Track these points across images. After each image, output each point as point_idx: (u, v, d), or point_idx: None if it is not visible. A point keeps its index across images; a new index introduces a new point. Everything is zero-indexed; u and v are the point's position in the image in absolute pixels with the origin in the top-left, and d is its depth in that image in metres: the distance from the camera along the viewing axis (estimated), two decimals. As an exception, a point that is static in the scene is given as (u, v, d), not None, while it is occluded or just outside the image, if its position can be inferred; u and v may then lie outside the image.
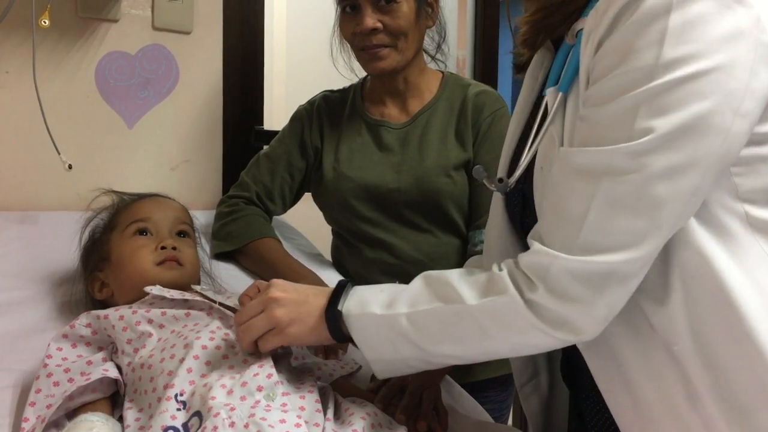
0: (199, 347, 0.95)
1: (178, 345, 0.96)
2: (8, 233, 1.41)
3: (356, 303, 0.89)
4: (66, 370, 0.98)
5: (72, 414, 0.94)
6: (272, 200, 1.54)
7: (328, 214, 1.55)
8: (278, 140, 1.57)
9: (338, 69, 1.53)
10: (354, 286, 0.93)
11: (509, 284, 0.80)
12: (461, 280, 0.85)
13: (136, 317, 1.03)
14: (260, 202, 1.53)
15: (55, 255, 1.31)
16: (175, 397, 0.88)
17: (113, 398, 0.99)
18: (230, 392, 0.87)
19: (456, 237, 1.46)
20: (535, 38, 0.92)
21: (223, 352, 0.95)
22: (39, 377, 0.98)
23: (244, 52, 1.82)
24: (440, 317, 0.84)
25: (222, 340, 0.97)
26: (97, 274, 1.19)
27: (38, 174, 1.56)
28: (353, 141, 1.50)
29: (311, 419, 0.88)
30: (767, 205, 0.79)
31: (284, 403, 0.87)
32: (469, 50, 2.53)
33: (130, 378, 0.97)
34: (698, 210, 0.77)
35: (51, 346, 1.02)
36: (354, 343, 0.90)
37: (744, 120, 0.73)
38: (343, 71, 1.54)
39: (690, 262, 0.78)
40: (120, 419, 0.95)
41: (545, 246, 0.79)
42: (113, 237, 1.19)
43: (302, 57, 2.53)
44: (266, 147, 1.61)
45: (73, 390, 0.93)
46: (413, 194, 1.43)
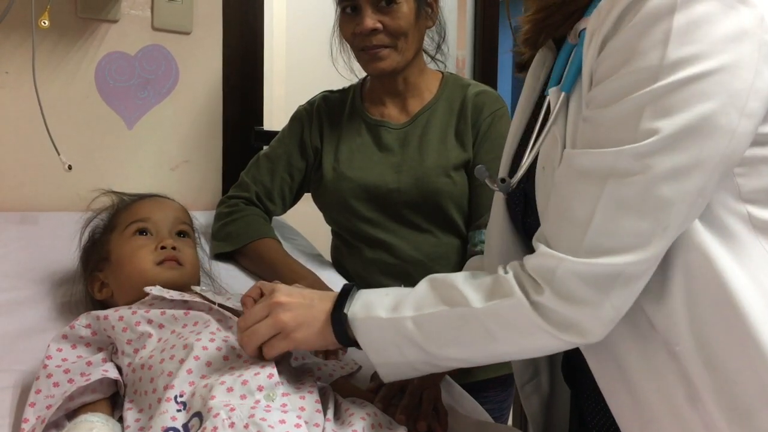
0: (200, 348, 0.95)
1: (178, 346, 0.96)
2: (8, 234, 1.41)
3: (361, 306, 0.89)
4: (66, 371, 0.98)
5: (72, 414, 0.94)
6: (272, 200, 1.54)
7: (328, 215, 1.55)
8: (278, 140, 1.57)
9: (338, 69, 1.53)
10: (359, 290, 0.92)
11: (515, 287, 0.80)
12: (467, 283, 0.84)
13: (136, 317, 1.03)
14: (260, 203, 1.53)
15: (55, 255, 1.31)
16: (175, 399, 0.88)
17: (113, 399, 0.99)
18: (230, 389, 0.87)
19: (456, 237, 1.46)
20: (537, 37, 0.92)
21: (224, 354, 0.95)
22: (39, 378, 0.97)
23: (244, 53, 1.81)
24: (446, 320, 0.84)
25: (222, 341, 0.97)
26: (97, 275, 1.19)
27: (38, 174, 1.56)
28: (353, 141, 1.50)
29: (311, 419, 0.88)
30: None
31: (284, 404, 0.87)
32: (469, 50, 2.53)
33: (130, 379, 0.97)
34: (701, 211, 0.77)
35: (51, 347, 1.02)
36: (359, 347, 0.90)
37: (749, 120, 0.73)
38: (343, 71, 1.54)
39: (692, 263, 0.77)
40: (120, 420, 0.95)
41: (551, 248, 0.78)
42: (113, 237, 1.19)
43: (302, 57, 2.53)
44: (266, 147, 1.61)
45: (73, 391, 0.93)
46: (413, 194, 1.43)
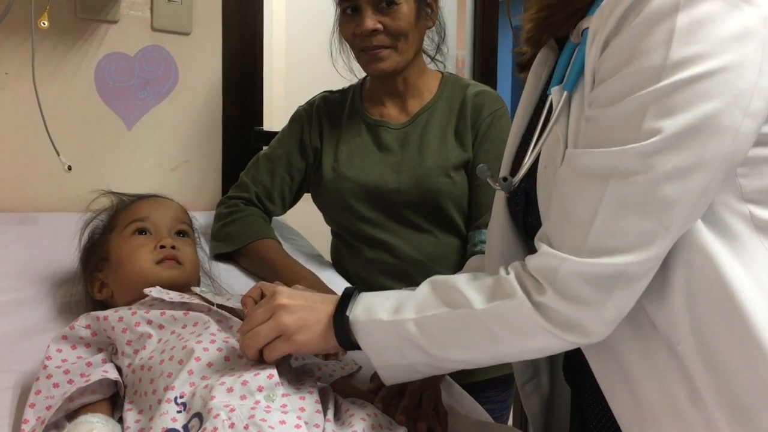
0: (201, 350, 0.95)
1: (178, 347, 0.96)
2: (8, 234, 1.41)
3: (363, 309, 0.89)
4: (65, 372, 0.98)
5: (72, 415, 0.94)
6: (272, 201, 1.54)
7: (328, 215, 1.55)
8: (277, 141, 1.57)
9: (338, 70, 1.53)
10: (361, 293, 0.92)
11: (517, 287, 0.80)
12: (468, 285, 0.84)
13: (136, 318, 1.03)
14: (260, 203, 1.53)
15: (55, 256, 1.31)
16: (175, 400, 0.88)
17: (113, 399, 0.99)
18: (230, 390, 0.86)
19: (455, 237, 1.46)
20: (540, 36, 0.92)
21: (225, 355, 0.95)
22: (38, 378, 0.97)
23: (244, 53, 1.81)
24: (448, 322, 0.84)
25: (223, 343, 0.97)
26: (97, 275, 1.19)
27: (38, 175, 1.56)
28: (353, 141, 1.50)
29: (311, 420, 0.88)
30: None
31: (284, 404, 0.87)
32: (468, 50, 2.53)
33: (130, 379, 0.97)
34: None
35: (50, 348, 1.02)
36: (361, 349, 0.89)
37: (753, 120, 0.73)
38: (343, 72, 1.54)
39: (693, 262, 0.77)
40: (120, 420, 0.95)
41: (553, 248, 0.78)
42: (112, 237, 1.19)
43: (302, 57, 2.53)
44: (266, 148, 1.61)
45: (73, 391, 0.93)
46: (413, 194, 1.43)
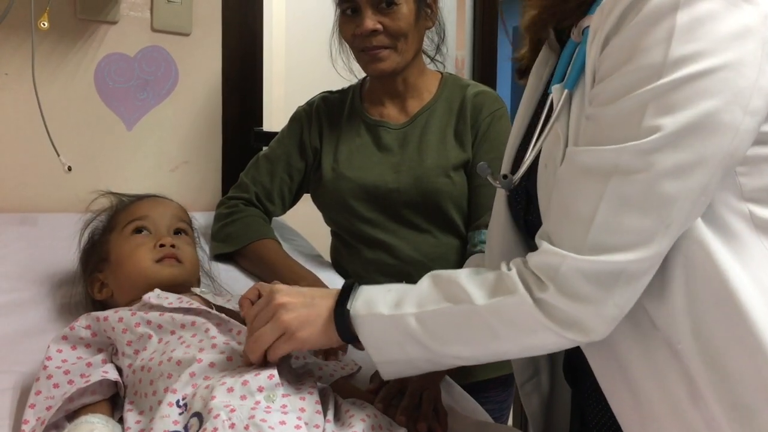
0: (200, 351, 0.95)
1: (179, 349, 0.96)
2: (8, 235, 1.41)
3: (363, 303, 0.88)
4: (65, 372, 0.98)
5: (72, 416, 0.94)
6: (271, 201, 1.54)
7: (327, 215, 1.55)
8: (277, 141, 1.57)
9: (337, 70, 1.53)
10: (361, 286, 0.92)
11: (518, 283, 0.80)
12: (470, 280, 0.84)
13: (135, 319, 1.03)
14: (259, 204, 1.53)
15: (55, 257, 1.31)
16: (177, 403, 0.88)
17: (113, 400, 0.99)
18: (230, 390, 0.86)
19: (455, 237, 1.46)
20: (543, 23, 0.90)
21: (227, 356, 0.95)
22: (39, 379, 0.97)
23: (243, 54, 1.81)
24: (449, 318, 0.83)
25: (224, 344, 0.97)
26: (97, 275, 1.19)
27: (37, 175, 1.56)
28: (352, 141, 1.50)
29: (311, 421, 0.88)
30: None
31: (284, 405, 0.87)
32: (468, 51, 2.53)
33: (131, 380, 0.97)
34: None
35: (50, 348, 1.02)
36: (362, 344, 0.89)
37: (752, 118, 0.73)
38: (343, 72, 1.54)
39: (693, 261, 0.77)
40: (120, 421, 0.95)
41: (554, 246, 0.78)
42: (112, 237, 1.19)
43: (301, 58, 2.53)
44: (265, 148, 1.61)
45: (73, 392, 0.93)
46: (412, 194, 1.43)
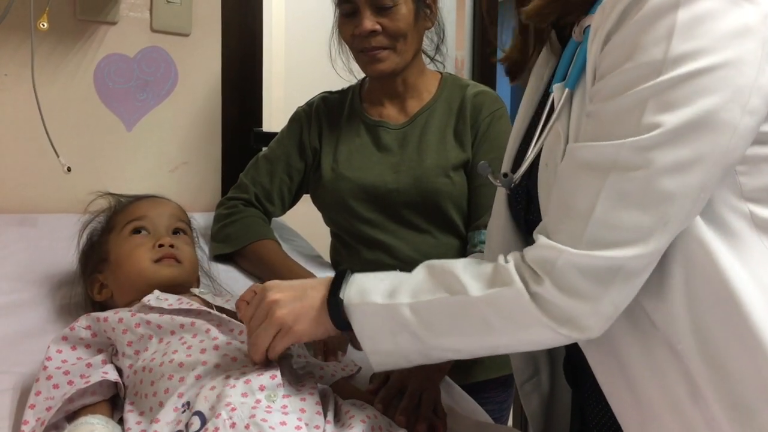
0: (202, 353, 0.95)
1: (180, 350, 0.96)
2: (7, 236, 1.41)
3: (357, 292, 0.88)
4: (65, 373, 0.98)
5: (72, 416, 0.94)
6: (271, 202, 1.54)
7: (327, 215, 1.55)
8: (277, 142, 1.57)
9: (337, 70, 1.53)
10: (354, 274, 0.91)
11: (515, 276, 0.79)
12: (466, 271, 0.83)
13: (135, 319, 1.03)
14: (259, 204, 1.53)
15: (54, 257, 1.31)
16: (183, 407, 0.88)
17: (113, 400, 0.99)
18: (233, 386, 0.87)
19: (455, 237, 1.46)
20: (547, 13, 0.88)
21: (231, 356, 0.95)
22: (38, 380, 0.97)
23: (243, 54, 1.81)
24: (444, 308, 0.83)
25: (226, 344, 0.97)
26: (97, 276, 1.19)
27: (37, 176, 1.55)
28: (352, 142, 1.50)
29: (311, 421, 0.88)
30: None
31: (285, 405, 0.87)
32: (468, 51, 2.53)
33: (132, 381, 0.97)
34: (702, 208, 0.77)
35: (50, 349, 1.02)
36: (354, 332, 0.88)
37: (751, 117, 0.73)
38: (342, 73, 1.54)
39: (693, 261, 0.77)
40: (120, 421, 0.95)
41: (552, 240, 0.78)
42: (111, 238, 1.19)
43: (301, 58, 2.53)
44: (265, 149, 1.61)
45: (73, 393, 0.93)
46: (412, 194, 1.43)
